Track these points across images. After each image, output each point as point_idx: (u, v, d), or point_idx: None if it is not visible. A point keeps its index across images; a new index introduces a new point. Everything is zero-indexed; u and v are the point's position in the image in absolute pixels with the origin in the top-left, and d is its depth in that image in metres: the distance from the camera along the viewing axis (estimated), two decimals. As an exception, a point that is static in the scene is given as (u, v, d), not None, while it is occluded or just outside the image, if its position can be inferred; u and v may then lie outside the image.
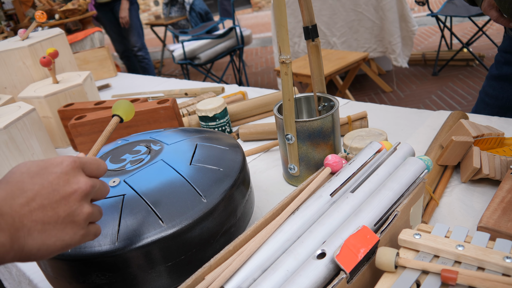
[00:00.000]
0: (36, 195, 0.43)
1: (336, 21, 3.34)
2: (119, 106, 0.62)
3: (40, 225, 0.42)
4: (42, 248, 0.43)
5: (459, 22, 5.05)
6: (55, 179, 0.44)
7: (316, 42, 0.80)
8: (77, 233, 0.46)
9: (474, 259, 0.46)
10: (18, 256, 0.41)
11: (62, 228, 0.44)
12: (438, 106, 3.11)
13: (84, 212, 0.46)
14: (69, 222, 0.45)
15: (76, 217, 0.45)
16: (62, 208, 0.44)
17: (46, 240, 0.43)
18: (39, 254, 0.43)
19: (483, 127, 0.82)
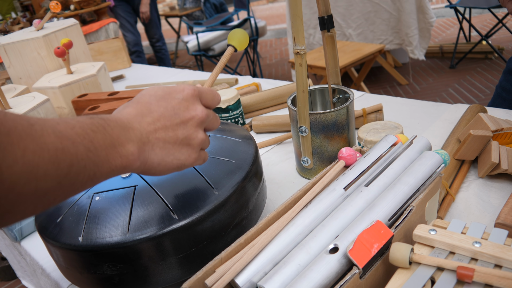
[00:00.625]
0: (160, 116, 0.48)
1: (352, 12, 3.30)
2: (234, 36, 0.62)
3: (162, 143, 0.48)
4: (161, 163, 0.48)
5: (478, 14, 4.94)
6: (177, 104, 0.49)
7: (331, 33, 0.79)
8: (191, 155, 0.51)
9: (491, 256, 0.45)
10: (142, 168, 0.47)
11: (179, 148, 0.49)
12: (455, 99, 3.05)
13: (199, 137, 0.51)
14: (185, 145, 0.50)
15: (192, 141, 0.50)
16: (181, 131, 0.49)
17: (165, 157, 0.48)
18: (159, 169, 0.48)
19: (502, 121, 0.80)
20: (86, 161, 0.37)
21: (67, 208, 0.62)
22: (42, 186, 0.33)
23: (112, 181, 0.63)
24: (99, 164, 0.40)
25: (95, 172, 0.39)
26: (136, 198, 0.59)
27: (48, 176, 0.33)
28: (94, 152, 0.39)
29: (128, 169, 0.45)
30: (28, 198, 0.32)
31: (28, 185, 0.32)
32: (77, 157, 0.36)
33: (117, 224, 0.57)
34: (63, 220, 0.61)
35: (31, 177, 0.32)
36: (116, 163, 0.42)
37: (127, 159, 0.43)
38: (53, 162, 0.34)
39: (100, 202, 0.60)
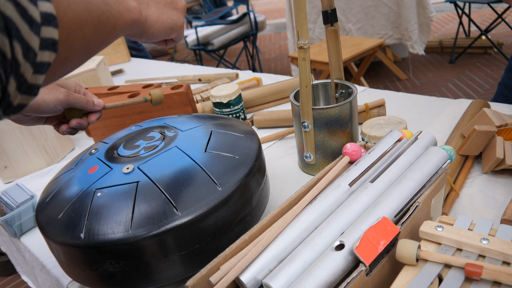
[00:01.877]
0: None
1: (352, 6, 3.28)
2: None
3: (154, 3, 0.56)
4: (158, 21, 0.56)
5: (478, 9, 4.92)
6: None
7: (335, 27, 0.78)
8: (180, 18, 0.60)
9: (499, 253, 0.44)
10: (143, 24, 0.53)
11: (170, 10, 0.58)
12: (454, 94, 3.05)
13: (182, 2, 0.61)
14: (174, 8, 0.59)
15: (177, 5, 0.60)
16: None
17: (160, 15, 0.56)
18: (156, 26, 0.56)
19: (507, 116, 0.80)
20: (107, 13, 0.43)
21: (68, 204, 0.61)
22: (86, 33, 0.39)
23: (114, 177, 0.62)
24: (116, 16, 0.45)
25: (115, 24, 0.45)
26: (139, 194, 0.58)
27: (88, 22, 0.39)
28: (109, 6, 0.44)
29: (137, 23, 0.51)
30: (79, 44, 0.38)
31: (77, 32, 0.37)
32: (100, 8, 0.42)
33: (119, 221, 0.56)
34: (64, 216, 0.60)
35: (78, 24, 0.37)
36: (127, 16, 0.48)
37: (134, 13, 0.49)
38: (87, 10, 0.39)
39: (102, 198, 0.59)
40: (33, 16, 0.30)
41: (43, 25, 0.31)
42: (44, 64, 0.32)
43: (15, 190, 0.90)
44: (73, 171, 0.69)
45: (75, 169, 0.69)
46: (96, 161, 0.67)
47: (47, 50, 0.32)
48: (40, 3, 0.31)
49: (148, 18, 0.54)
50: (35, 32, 0.31)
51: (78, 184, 0.64)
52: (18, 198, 0.87)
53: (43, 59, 0.32)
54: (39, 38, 0.31)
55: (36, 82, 0.32)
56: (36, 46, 0.31)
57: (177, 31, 0.60)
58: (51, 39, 0.32)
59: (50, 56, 0.33)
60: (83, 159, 0.71)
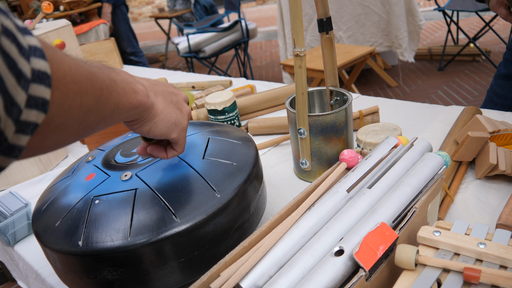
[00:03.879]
0: (154, 83, 0.56)
1: (342, 15, 3.31)
2: None
3: (161, 96, 0.55)
4: (164, 112, 0.54)
5: (466, 17, 5.00)
6: (166, 85, 0.59)
7: (330, 35, 0.79)
8: (184, 119, 0.58)
9: (497, 257, 0.45)
10: (149, 110, 0.51)
11: (175, 108, 0.57)
12: (444, 101, 3.08)
13: (187, 108, 0.60)
14: (178, 109, 0.58)
15: (182, 108, 0.59)
16: (173, 98, 0.57)
17: (166, 107, 0.55)
18: (161, 116, 0.54)
19: (499, 122, 0.81)
20: (110, 89, 0.42)
21: (65, 212, 0.61)
22: (85, 102, 0.37)
23: (112, 184, 0.62)
24: (120, 94, 0.44)
25: (118, 102, 0.44)
26: (137, 201, 0.58)
27: (89, 92, 0.37)
28: (114, 83, 0.43)
29: (143, 107, 0.50)
30: (77, 111, 0.36)
31: (76, 98, 0.36)
32: (104, 82, 0.41)
33: (118, 228, 0.56)
34: (62, 224, 0.60)
35: (78, 90, 0.36)
36: (133, 97, 0.47)
37: (140, 95, 0.48)
38: (89, 80, 0.38)
39: (100, 205, 0.59)
40: (23, 70, 0.29)
41: (33, 82, 0.29)
42: (29, 124, 0.30)
43: (8, 198, 0.90)
44: (70, 178, 0.68)
45: (72, 176, 0.69)
46: (93, 169, 0.67)
47: (35, 109, 0.30)
48: (33, 60, 0.30)
49: (155, 105, 0.52)
50: (23, 87, 0.29)
51: (75, 191, 0.64)
52: (12, 206, 0.86)
53: (29, 118, 0.30)
54: (26, 94, 0.29)
55: (18, 142, 0.30)
56: (21, 102, 0.29)
57: (179, 130, 0.57)
58: (41, 98, 0.30)
59: (38, 116, 0.31)
60: (79, 166, 0.71)
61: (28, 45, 0.30)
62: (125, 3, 3.95)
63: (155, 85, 0.55)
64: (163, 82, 0.59)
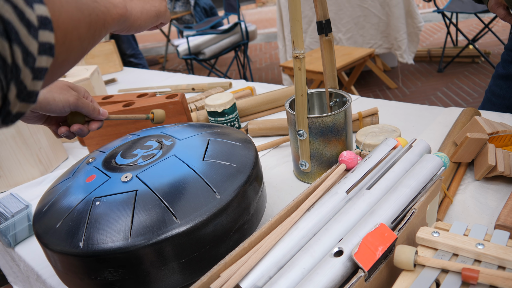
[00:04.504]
0: None
1: (342, 16, 3.32)
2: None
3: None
4: (143, 11, 0.57)
5: (465, 19, 5.01)
6: None
7: (329, 37, 0.79)
8: (162, 3, 0.60)
9: (495, 257, 0.45)
10: (129, 18, 0.54)
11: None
12: (443, 103, 3.09)
13: None
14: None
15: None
16: None
17: (144, 5, 0.57)
18: (142, 17, 0.57)
19: (497, 124, 0.81)
20: (96, 11, 0.44)
21: (66, 213, 0.61)
22: (81, 33, 0.39)
23: (113, 186, 0.62)
24: (104, 12, 0.46)
25: (104, 21, 0.46)
26: (138, 202, 0.59)
27: (81, 22, 0.39)
28: (97, 3, 0.45)
29: (124, 18, 0.52)
30: (75, 44, 0.38)
31: (73, 32, 0.37)
32: (90, 6, 0.42)
33: (119, 229, 0.56)
34: (63, 225, 0.60)
35: (73, 24, 0.37)
36: (114, 12, 0.49)
37: (119, 8, 0.51)
38: (78, 9, 0.39)
39: (100, 206, 0.60)
40: (31, 20, 0.30)
41: (40, 29, 0.31)
42: (42, 69, 0.32)
43: (9, 200, 0.90)
44: (71, 180, 0.69)
45: (73, 178, 0.69)
46: (94, 170, 0.67)
47: (44, 55, 0.32)
48: (36, 6, 0.30)
49: (133, 11, 0.55)
50: (34, 36, 0.30)
51: (76, 193, 0.64)
52: (13, 208, 0.87)
53: (41, 64, 0.31)
54: (37, 42, 0.30)
55: (35, 88, 0.32)
56: (35, 51, 0.30)
57: (162, 17, 0.61)
58: (48, 43, 0.32)
59: (48, 61, 0.32)
60: (80, 168, 0.71)
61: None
62: None
63: None
64: None
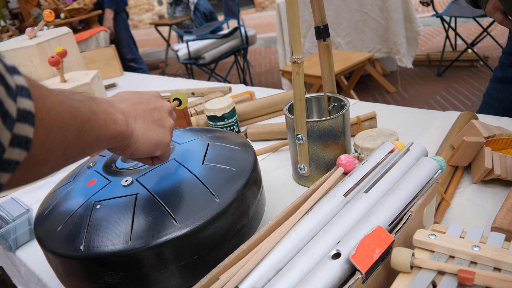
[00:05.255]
0: (136, 102, 0.57)
1: (341, 21, 3.34)
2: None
3: (142, 118, 0.55)
4: (144, 136, 0.55)
5: (464, 23, 5.03)
6: (149, 97, 0.59)
7: (327, 42, 0.80)
8: (166, 136, 0.59)
9: (491, 259, 0.46)
10: (129, 138, 0.52)
11: (156, 127, 0.57)
12: (442, 106, 3.10)
13: (170, 121, 0.60)
14: (161, 126, 0.58)
15: (165, 124, 0.59)
16: (156, 114, 0.58)
17: (147, 131, 0.55)
18: (142, 141, 0.54)
19: (494, 127, 0.82)
20: (92, 121, 0.43)
21: (67, 217, 0.62)
22: (67, 136, 0.38)
23: (113, 190, 0.63)
24: (101, 125, 0.45)
25: (99, 133, 0.45)
26: (138, 206, 0.59)
27: (71, 127, 0.39)
28: (95, 115, 0.44)
29: (122, 136, 0.50)
30: (59, 146, 0.37)
31: (58, 134, 0.37)
32: (86, 115, 0.42)
33: (119, 232, 0.57)
34: (63, 229, 0.61)
35: (60, 126, 0.37)
36: (113, 127, 0.48)
37: (120, 125, 0.49)
38: (71, 114, 0.39)
39: (101, 210, 0.60)
40: (9, 111, 0.29)
41: (18, 121, 0.30)
42: (11, 162, 0.31)
43: (10, 204, 0.90)
44: (71, 184, 0.69)
45: (73, 182, 0.70)
46: (94, 174, 0.68)
47: (17, 148, 0.31)
48: (20, 100, 0.30)
49: (134, 132, 0.53)
50: (8, 127, 0.29)
51: (77, 197, 0.65)
52: (14, 212, 0.87)
53: (12, 156, 0.30)
54: (10, 133, 0.30)
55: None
56: (5, 142, 0.29)
57: (162, 148, 0.58)
58: (24, 136, 0.31)
59: (20, 154, 0.31)
60: (81, 172, 0.72)
61: (15, 85, 0.30)
62: (125, 10, 3.97)
63: (136, 105, 0.56)
64: (147, 96, 0.59)
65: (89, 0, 2.83)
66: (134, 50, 4.08)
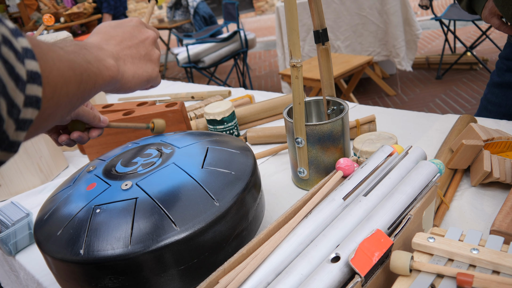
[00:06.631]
0: (122, 39, 0.57)
1: (340, 24, 3.35)
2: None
3: (130, 58, 0.56)
4: (135, 76, 0.56)
5: (463, 26, 5.04)
6: (132, 29, 0.59)
7: (326, 46, 0.80)
8: (154, 69, 0.60)
9: (489, 262, 0.46)
10: (121, 81, 0.54)
11: (144, 63, 0.58)
12: (442, 109, 3.10)
13: (156, 53, 0.61)
14: (148, 60, 0.59)
15: (152, 57, 0.60)
16: (142, 49, 0.58)
17: (136, 70, 0.57)
18: (133, 81, 0.56)
19: (493, 130, 0.82)
20: (88, 71, 0.45)
21: (67, 221, 0.62)
22: (70, 90, 0.40)
23: (113, 194, 0.63)
24: (96, 73, 0.47)
25: (95, 82, 0.47)
26: (138, 210, 0.59)
27: (72, 80, 0.40)
28: (90, 64, 0.46)
29: (115, 80, 0.52)
30: (63, 100, 0.39)
31: (62, 89, 0.39)
32: (82, 66, 0.44)
33: (119, 236, 0.57)
34: (63, 233, 0.61)
35: (63, 81, 0.39)
36: (106, 74, 0.49)
37: (112, 70, 0.51)
38: (71, 68, 0.40)
39: (101, 214, 0.60)
40: (20, 74, 0.31)
41: (28, 83, 0.32)
42: (26, 121, 0.33)
43: (10, 208, 0.91)
44: (71, 188, 0.70)
45: (73, 186, 0.70)
46: (94, 178, 0.68)
47: (30, 107, 0.33)
48: (27, 61, 0.32)
49: (125, 74, 0.55)
50: (21, 90, 0.31)
51: (77, 201, 0.65)
52: (14, 216, 0.87)
53: (26, 116, 0.33)
54: (24, 95, 0.32)
55: (18, 139, 0.33)
56: (20, 103, 0.32)
57: (153, 81, 0.61)
58: (35, 96, 0.33)
59: (33, 113, 0.34)
60: (80, 176, 0.72)
61: (21, 48, 0.32)
62: (125, 14, 3.99)
63: (122, 43, 0.56)
64: (130, 29, 0.59)
65: (88, 4, 2.84)
66: None
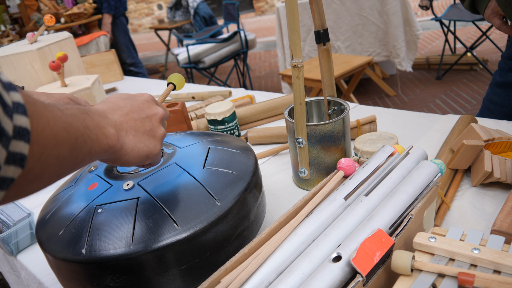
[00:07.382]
0: (129, 111, 0.55)
1: (340, 25, 3.35)
2: (173, 76, 0.74)
3: (133, 130, 0.55)
4: (134, 149, 0.54)
5: (463, 26, 5.05)
6: (141, 103, 0.58)
7: (327, 46, 0.81)
8: (156, 146, 0.58)
9: (490, 262, 0.46)
10: (119, 151, 0.51)
11: (147, 138, 0.56)
12: (442, 110, 3.10)
13: (162, 130, 0.59)
14: (152, 136, 0.57)
15: (156, 133, 0.58)
16: (147, 124, 0.57)
17: (137, 143, 0.55)
18: (132, 155, 0.54)
19: (494, 131, 0.83)
20: (85, 137, 0.43)
21: (69, 221, 0.62)
22: (61, 153, 0.38)
23: (115, 194, 0.63)
24: (93, 140, 0.45)
25: (91, 148, 0.45)
26: (139, 210, 0.60)
27: (65, 143, 0.39)
28: (88, 130, 0.44)
29: (113, 150, 0.50)
30: (52, 162, 0.37)
31: (53, 150, 0.37)
32: (79, 131, 0.42)
33: (120, 236, 0.57)
34: (65, 233, 0.61)
35: (55, 142, 0.37)
36: (104, 142, 0.48)
37: (111, 139, 0.49)
38: (66, 130, 0.39)
39: (103, 214, 0.60)
40: (5, 129, 0.30)
41: (14, 139, 0.30)
42: (6, 179, 0.31)
43: (11, 208, 0.91)
44: (73, 188, 0.70)
45: (75, 186, 0.70)
46: (96, 178, 0.68)
47: (12, 165, 0.31)
48: (16, 116, 0.31)
49: (124, 145, 0.52)
50: (3, 145, 0.30)
51: (78, 201, 0.65)
52: (15, 216, 0.87)
53: (7, 174, 0.31)
54: (6, 151, 0.30)
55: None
56: (1, 159, 0.30)
57: (152, 158, 0.58)
58: (20, 153, 0.31)
59: (15, 171, 0.31)
60: (82, 176, 0.72)
61: (12, 102, 0.31)
62: (124, 15, 3.99)
63: (128, 115, 0.55)
64: (139, 103, 0.58)
65: (89, 5, 2.84)
66: (133, 54, 4.09)
